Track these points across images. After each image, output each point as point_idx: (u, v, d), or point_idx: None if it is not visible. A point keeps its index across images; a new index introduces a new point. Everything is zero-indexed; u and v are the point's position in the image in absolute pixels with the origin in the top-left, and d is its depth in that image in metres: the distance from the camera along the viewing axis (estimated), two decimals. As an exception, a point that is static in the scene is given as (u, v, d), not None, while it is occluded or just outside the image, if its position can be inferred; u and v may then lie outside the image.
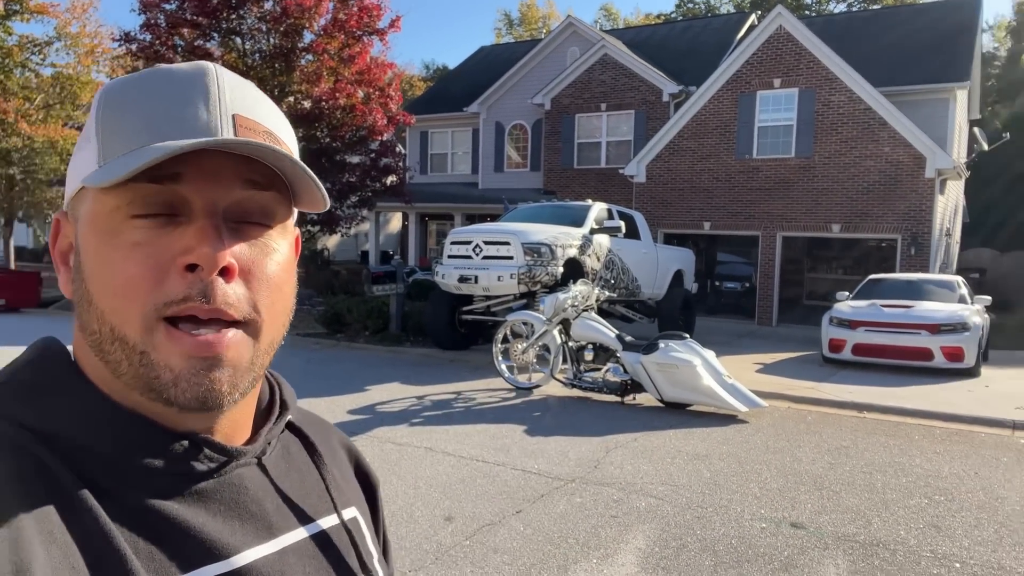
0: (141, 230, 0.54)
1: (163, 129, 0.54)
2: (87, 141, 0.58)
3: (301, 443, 0.71)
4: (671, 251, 13.79)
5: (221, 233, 0.55)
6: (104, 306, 0.55)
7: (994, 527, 4.54)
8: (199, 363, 0.54)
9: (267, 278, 0.58)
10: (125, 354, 0.55)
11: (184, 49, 15.88)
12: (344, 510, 0.69)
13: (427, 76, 44.82)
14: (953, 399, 8.38)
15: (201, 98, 0.56)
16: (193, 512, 0.57)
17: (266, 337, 0.59)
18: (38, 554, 0.47)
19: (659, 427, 6.91)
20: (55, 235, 0.62)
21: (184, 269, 0.54)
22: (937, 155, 14.42)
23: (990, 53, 33.80)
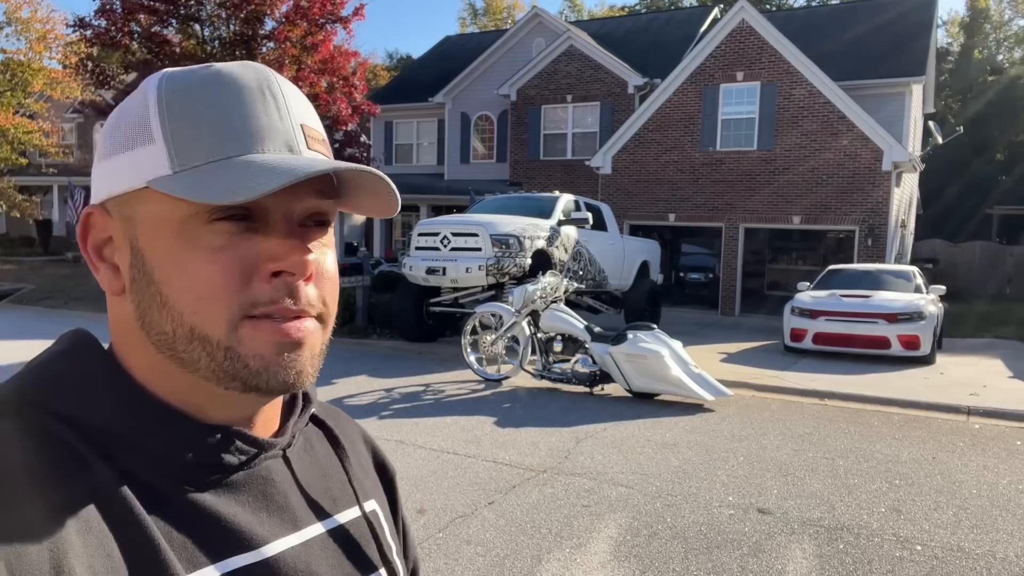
0: (222, 235, 0.56)
1: (247, 141, 0.56)
2: (145, 140, 0.57)
3: (324, 436, 0.73)
4: (637, 242, 13.90)
5: (303, 240, 0.58)
6: (184, 308, 0.56)
7: (952, 510, 4.69)
8: (286, 347, 0.57)
9: (329, 275, 0.62)
10: (206, 351, 0.56)
11: (141, 36, 15.50)
12: (365, 502, 0.71)
13: (391, 66, 44.38)
14: (910, 386, 8.62)
15: (273, 106, 0.58)
16: (224, 503, 0.58)
17: (330, 327, 0.63)
18: (74, 543, 0.48)
19: (628, 417, 6.98)
20: (85, 230, 0.61)
21: (270, 275, 0.56)
22: (894, 148, 14.76)
23: (944, 48, 34.67)
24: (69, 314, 13.65)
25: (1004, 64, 36.37)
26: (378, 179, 0.59)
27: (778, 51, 15.61)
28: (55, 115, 23.17)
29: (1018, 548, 4.10)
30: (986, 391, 8.38)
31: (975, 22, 36.34)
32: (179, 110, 0.56)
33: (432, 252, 9.99)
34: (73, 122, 28.77)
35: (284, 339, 0.57)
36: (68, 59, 19.51)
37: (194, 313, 0.55)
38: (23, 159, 21.35)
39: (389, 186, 0.61)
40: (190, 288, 0.55)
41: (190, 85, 0.57)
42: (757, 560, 3.88)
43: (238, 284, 0.55)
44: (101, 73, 16.14)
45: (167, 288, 0.56)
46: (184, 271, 0.55)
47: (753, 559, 3.89)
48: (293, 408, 0.69)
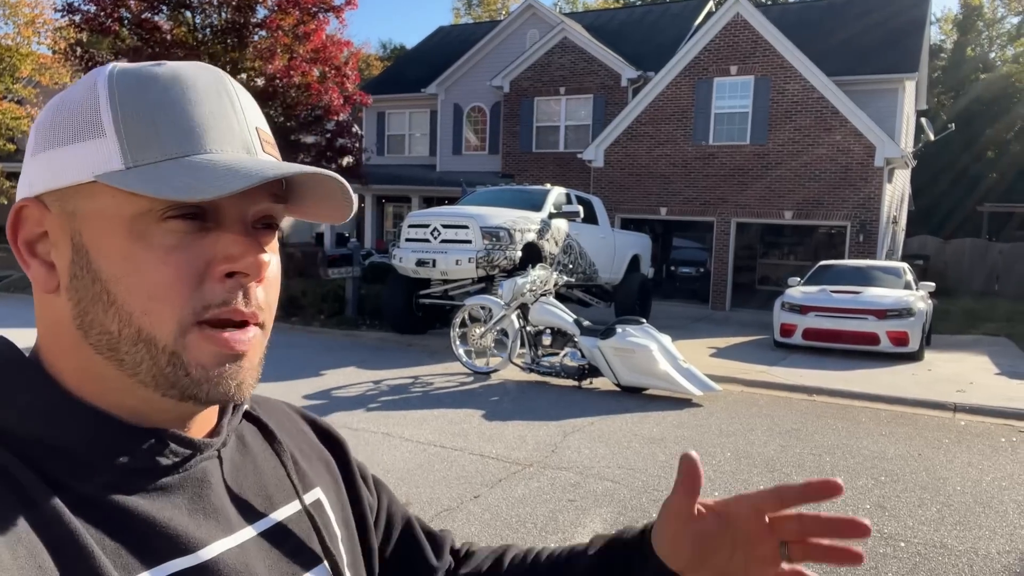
0: (176, 235, 0.55)
1: (204, 140, 0.55)
2: (95, 133, 0.55)
3: (259, 431, 0.71)
4: (628, 236, 13.89)
5: (257, 242, 0.58)
6: (134, 308, 0.54)
7: (937, 507, 4.71)
8: (228, 358, 0.56)
9: (274, 281, 0.62)
10: (150, 355, 0.55)
11: (130, 22, 15.33)
12: (307, 494, 0.69)
13: (384, 56, 44.14)
14: (898, 382, 8.65)
15: (231, 109, 0.58)
16: (158, 507, 0.56)
17: (268, 333, 0.62)
18: (3, 556, 0.47)
19: (616, 411, 6.98)
20: (16, 223, 0.58)
21: (223, 276, 0.56)
22: (886, 145, 14.78)
23: (937, 45, 34.75)
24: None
25: (996, 62, 36.50)
26: (335, 183, 0.59)
27: (772, 46, 15.59)
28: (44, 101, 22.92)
29: (1000, 545, 4.11)
30: (973, 388, 8.42)
31: (968, 20, 36.43)
32: (133, 105, 0.55)
33: (422, 244, 9.95)
34: (62, 109, 28.52)
35: (228, 351, 0.56)
36: (57, 44, 19.29)
37: (145, 314, 0.54)
38: (11, 145, 21.13)
39: (345, 189, 0.60)
40: (142, 288, 0.54)
41: (145, 81, 0.56)
42: (741, 556, 3.88)
43: (190, 285, 0.55)
44: (90, 59, 15.95)
45: (116, 287, 0.54)
46: (136, 270, 0.54)
47: (737, 555, 3.89)
48: (226, 406, 0.67)
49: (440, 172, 21.34)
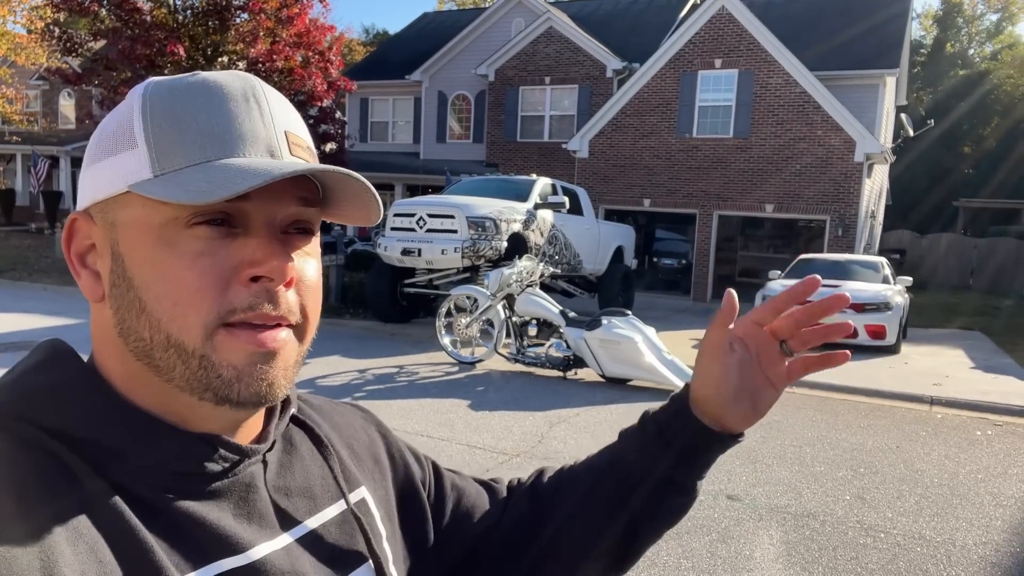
0: (202, 240, 0.55)
1: (227, 145, 0.56)
2: (128, 146, 0.57)
3: (305, 434, 0.73)
4: (612, 227, 13.95)
5: (284, 246, 0.58)
6: (162, 315, 0.56)
7: (914, 498, 4.82)
8: (258, 358, 0.57)
9: (312, 285, 0.62)
10: (181, 359, 0.56)
11: (110, 2, 15.07)
12: (352, 493, 0.71)
13: (367, 41, 43.75)
14: (875, 375, 8.80)
15: (256, 113, 0.58)
16: (208, 510, 0.58)
17: (308, 339, 0.62)
18: (64, 551, 0.49)
19: (600, 402, 7.04)
20: (70, 236, 0.61)
21: (248, 280, 0.56)
22: (866, 139, 14.96)
23: (917, 41, 35.10)
24: (33, 287, 13.35)
25: (975, 59, 36.95)
26: (359, 184, 0.60)
27: (756, 39, 15.68)
28: (19, 82, 22.49)
29: (977, 536, 4.23)
30: (948, 381, 8.60)
31: (948, 16, 36.83)
32: (162, 115, 0.57)
33: (408, 233, 9.93)
34: (38, 89, 27.96)
35: (258, 349, 0.57)
36: (33, 24, 18.92)
37: (171, 320, 0.55)
38: (-15, 125, 20.74)
39: (371, 192, 0.61)
40: (168, 294, 0.55)
41: (174, 91, 0.58)
42: (726, 546, 3.96)
43: (216, 290, 0.55)
44: (68, 40, 15.68)
45: (145, 293, 0.56)
46: (163, 276, 0.55)
47: (722, 545, 3.97)
48: (272, 411, 0.69)
49: (424, 160, 21.25)
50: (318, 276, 0.63)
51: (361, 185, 0.60)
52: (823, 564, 3.80)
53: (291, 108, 0.62)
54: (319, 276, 0.63)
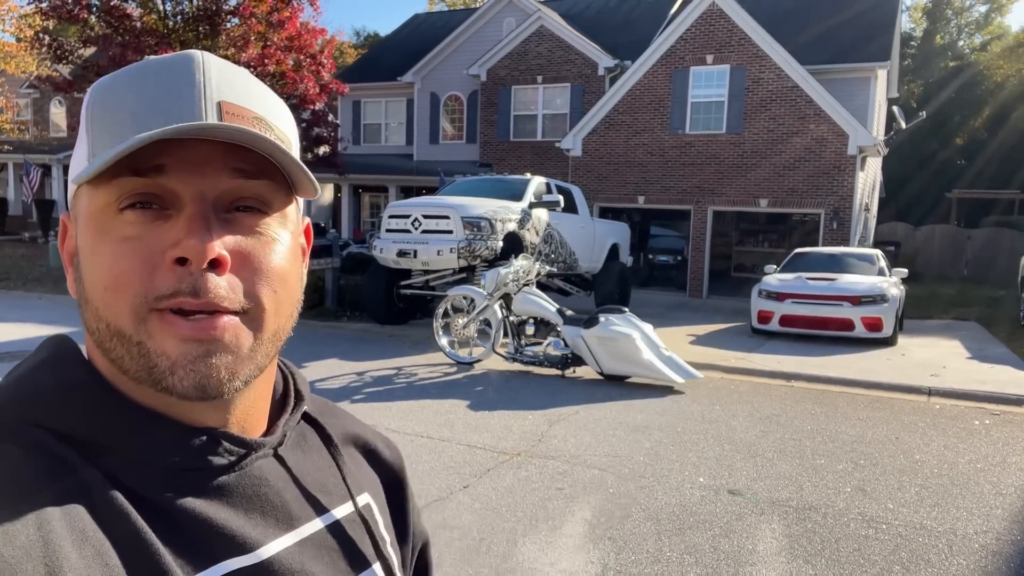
0: (131, 224, 0.54)
1: (146, 120, 0.53)
2: (80, 140, 0.58)
3: (316, 433, 0.72)
4: (607, 225, 13.96)
5: (210, 224, 0.54)
6: (98, 302, 0.55)
7: (915, 489, 4.84)
8: (194, 347, 0.54)
9: (266, 267, 0.57)
10: (125, 348, 0.54)
11: (100, 9, 15.01)
12: (359, 496, 0.70)
13: (359, 43, 43.67)
14: (873, 367, 8.82)
15: (185, 87, 0.55)
16: (215, 507, 0.57)
17: (269, 327, 0.58)
18: (70, 555, 0.48)
19: (600, 400, 7.04)
20: (63, 237, 0.61)
21: (174, 262, 0.53)
22: (859, 133, 14.99)
23: (907, 33, 35.19)
24: (27, 295, 13.30)
25: (965, 50, 37.07)
26: (278, 151, 0.55)
27: (748, 34, 15.69)
28: (9, 90, 22.42)
29: (977, 525, 4.24)
30: (946, 372, 8.62)
31: (937, 8, 36.94)
32: (100, 104, 0.56)
33: (403, 234, 9.91)
34: (29, 98, 27.87)
35: (191, 336, 0.53)
36: (23, 32, 18.84)
37: (106, 307, 0.54)
38: (-24, 135, 20.66)
39: (294, 160, 0.56)
40: (100, 280, 0.54)
41: (115, 79, 0.57)
42: (728, 540, 3.96)
43: (142, 274, 0.53)
44: (59, 47, 15.62)
45: (88, 283, 0.56)
46: (97, 264, 0.55)
47: (724, 539, 3.97)
48: (284, 406, 0.68)
49: (417, 161, 21.23)
50: (279, 258, 0.58)
51: (271, 146, 0.55)
52: (826, 556, 3.80)
53: (246, 81, 0.59)
54: (283, 260, 0.58)
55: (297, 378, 0.72)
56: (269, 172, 0.57)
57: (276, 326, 0.59)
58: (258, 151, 0.56)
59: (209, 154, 0.54)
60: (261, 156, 0.56)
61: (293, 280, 0.60)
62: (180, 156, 0.54)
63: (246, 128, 0.53)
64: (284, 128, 0.60)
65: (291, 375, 0.71)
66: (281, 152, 0.55)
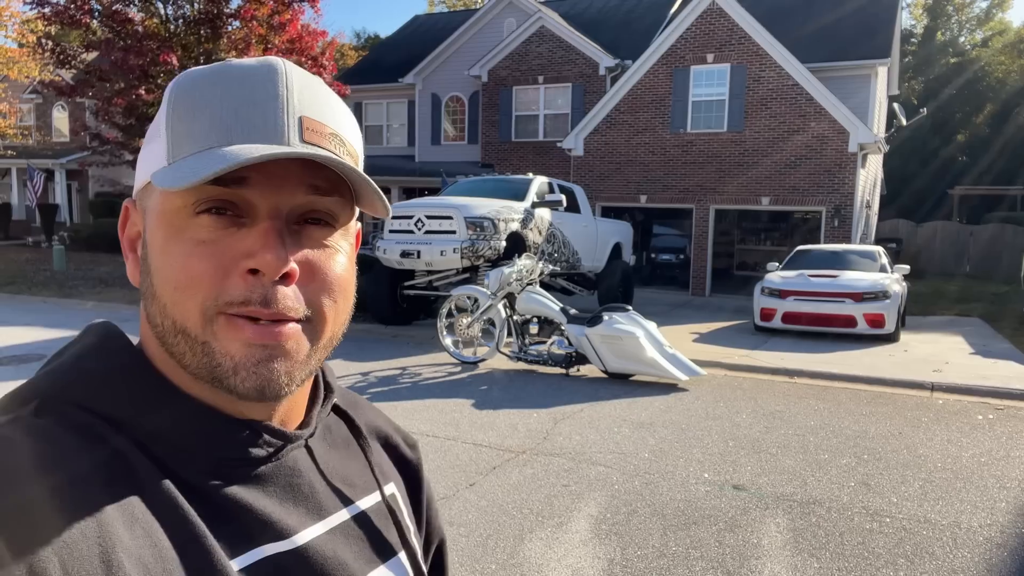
0: (207, 229, 0.56)
1: (231, 131, 0.55)
2: (157, 135, 0.59)
3: (344, 423, 0.74)
4: (610, 224, 13.98)
5: (284, 238, 0.56)
6: (167, 300, 0.56)
7: (919, 483, 4.86)
8: (258, 351, 0.56)
9: (329, 280, 0.60)
10: (189, 346, 0.56)
11: (102, 14, 15.09)
12: (385, 486, 0.72)
13: (359, 45, 43.73)
14: (876, 363, 8.84)
15: (271, 99, 0.57)
16: (254, 495, 0.59)
17: (326, 335, 0.61)
18: (122, 536, 0.50)
19: (604, 397, 7.07)
20: (124, 222, 0.63)
21: (247, 272, 0.55)
22: (860, 130, 15.00)
23: (908, 30, 35.17)
24: (33, 300, 13.35)
25: (966, 47, 37.03)
26: (356, 173, 0.58)
27: (748, 33, 15.72)
28: (12, 95, 22.50)
29: (982, 518, 4.27)
30: (948, 367, 8.64)
31: (938, 4, 36.90)
32: (182, 104, 0.57)
33: (406, 235, 9.95)
34: (31, 103, 27.95)
35: (256, 340, 0.56)
36: (25, 37, 18.92)
37: (174, 305, 0.56)
38: (-20, 140, 20.74)
39: (366, 180, 0.58)
40: (170, 279, 0.56)
41: (197, 79, 0.58)
42: (733, 535, 3.99)
43: (214, 278, 0.55)
44: (61, 52, 15.70)
45: (156, 279, 0.57)
46: (168, 263, 0.56)
47: (729, 534, 4.00)
48: (315, 398, 0.70)
49: (419, 163, 21.26)
50: (341, 270, 0.61)
51: (355, 172, 0.57)
52: (830, 550, 3.83)
53: (324, 95, 0.60)
54: (344, 271, 0.61)
55: (327, 371, 0.74)
56: (340, 188, 0.59)
57: (333, 333, 0.61)
58: (336, 170, 0.58)
59: (289, 170, 0.56)
60: (335, 173, 0.58)
61: (351, 290, 0.63)
62: (262, 170, 0.55)
63: (332, 155, 0.56)
64: (354, 143, 0.62)
65: (322, 368, 0.73)
66: (359, 175, 0.57)
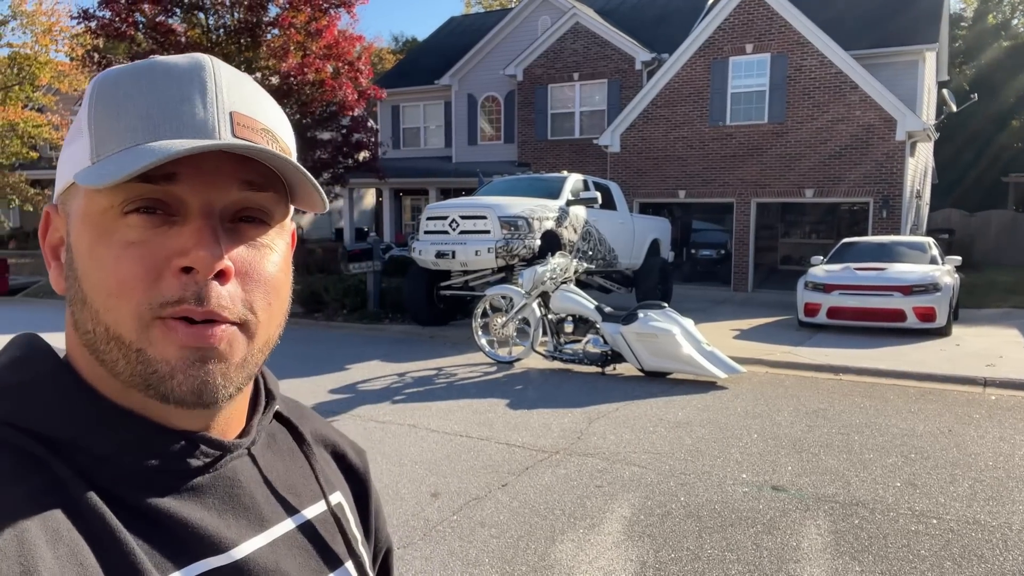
0: (135, 229, 0.53)
1: (159, 127, 0.53)
2: (79, 134, 0.56)
3: (288, 431, 0.72)
4: (647, 220, 13.82)
5: (218, 235, 0.54)
6: (98, 306, 0.54)
7: (968, 483, 4.66)
8: (193, 354, 0.54)
9: (263, 279, 0.58)
10: (122, 353, 0.54)
11: (145, 26, 15.46)
12: (331, 495, 0.70)
13: (396, 49, 44.15)
14: (925, 359, 8.54)
15: (198, 94, 0.55)
16: (190, 507, 0.57)
17: (261, 337, 0.59)
18: (45, 555, 0.47)
19: (640, 396, 6.97)
20: (45, 228, 0.61)
21: (179, 270, 0.53)
22: (907, 117, 14.54)
23: (957, 14, 34.04)
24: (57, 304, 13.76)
25: (1019, 29, 35.68)
26: (291, 167, 0.56)
27: (788, 21, 15.37)
28: (64, 108, 23.23)
29: (1035, 520, 4.07)
30: (1002, 362, 8.30)
31: (989, -14, 35.60)
32: (105, 102, 0.55)
33: (441, 236, 9.97)
34: (82, 115, 28.85)
35: (192, 343, 0.54)
36: (74, 51, 19.54)
37: (107, 311, 0.54)
38: (34, 153, 21.47)
39: (300, 171, 0.56)
40: (102, 284, 0.54)
41: (120, 76, 0.56)
42: (771, 537, 3.88)
43: (147, 281, 0.53)
44: (107, 65, 16.12)
45: (86, 284, 0.55)
46: (98, 267, 0.54)
47: (767, 536, 3.89)
48: (256, 405, 0.68)
49: (456, 163, 21.34)
50: (276, 270, 0.59)
51: (288, 164, 0.56)
52: (873, 553, 3.69)
53: (254, 91, 0.59)
54: (278, 270, 0.59)
55: (268, 377, 0.71)
56: (274, 184, 0.58)
57: (268, 336, 0.59)
58: (269, 165, 0.56)
59: (220, 165, 0.55)
60: (268, 169, 0.57)
61: (286, 291, 0.61)
62: (192, 166, 0.53)
63: (267, 147, 0.54)
64: (287, 139, 0.61)
65: (262, 374, 0.71)
66: (294, 168, 0.56)
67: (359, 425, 6.01)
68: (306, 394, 6.94)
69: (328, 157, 16.86)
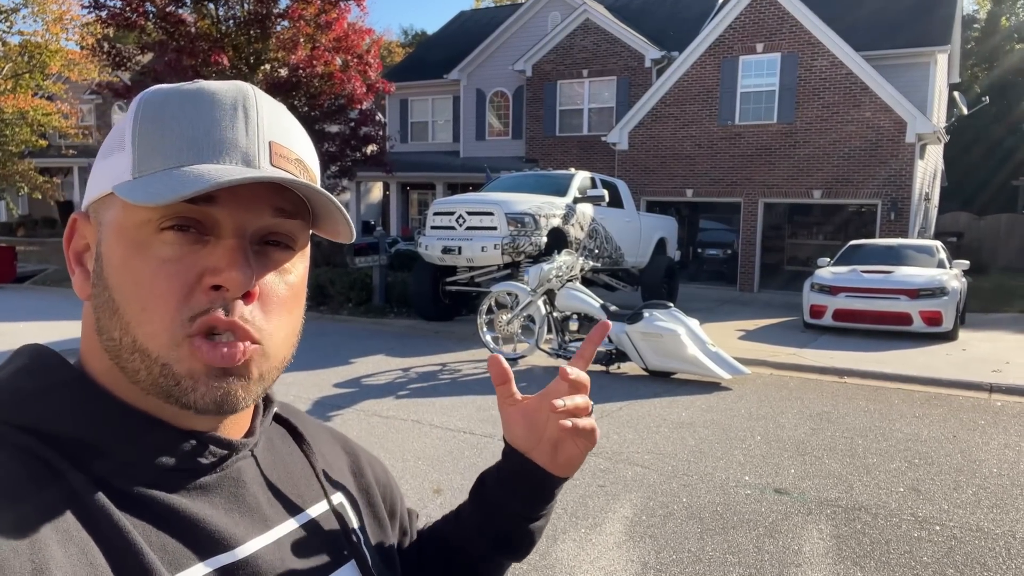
0: (171, 246, 0.56)
1: (203, 151, 0.56)
2: (120, 148, 0.58)
3: (288, 432, 0.74)
4: (654, 219, 13.79)
5: (248, 257, 0.57)
6: (130, 318, 0.56)
7: (972, 489, 4.65)
8: (218, 371, 0.57)
9: (283, 302, 0.61)
10: (145, 364, 0.56)
11: (155, 16, 15.47)
12: (332, 495, 0.72)
13: (406, 42, 44.11)
14: (932, 363, 8.51)
15: (242, 122, 0.58)
16: (198, 506, 0.59)
17: (277, 356, 0.61)
18: (55, 553, 0.49)
19: (644, 396, 6.97)
20: (70, 235, 0.63)
21: (210, 288, 0.56)
22: (918, 120, 14.47)
23: (970, 16, 33.82)
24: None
25: (1033, 31, 35.37)
26: (324, 197, 0.59)
27: (799, 21, 15.29)
28: (73, 97, 23.30)
29: (1039, 528, 4.05)
30: (1009, 367, 8.26)
31: (1003, -12, 35.32)
32: (151, 120, 0.57)
33: (447, 231, 9.97)
34: (91, 103, 28.91)
35: (215, 363, 0.56)
36: (85, 40, 19.56)
37: (139, 324, 0.56)
38: (43, 141, 21.55)
39: (334, 204, 0.60)
40: (136, 298, 0.56)
41: (168, 97, 0.59)
42: (773, 540, 3.87)
43: (180, 296, 0.55)
44: (118, 54, 16.15)
45: (118, 295, 0.57)
46: (132, 280, 0.56)
47: (769, 539, 3.88)
48: (258, 408, 0.70)
49: (464, 158, 21.33)
50: (290, 295, 0.62)
51: (325, 198, 0.59)
52: (875, 558, 3.68)
53: (288, 120, 0.62)
54: (293, 295, 0.62)
55: None
56: (302, 212, 0.61)
57: (284, 354, 0.62)
58: (300, 195, 0.60)
59: (256, 192, 0.58)
60: (299, 197, 0.60)
61: (299, 312, 0.64)
62: (231, 191, 0.56)
63: (310, 183, 0.58)
64: (314, 169, 0.64)
65: None
66: (327, 200, 0.59)
67: (363, 420, 6.02)
68: (310, 387, 6.96)
69: (336, 150, 16.85)
